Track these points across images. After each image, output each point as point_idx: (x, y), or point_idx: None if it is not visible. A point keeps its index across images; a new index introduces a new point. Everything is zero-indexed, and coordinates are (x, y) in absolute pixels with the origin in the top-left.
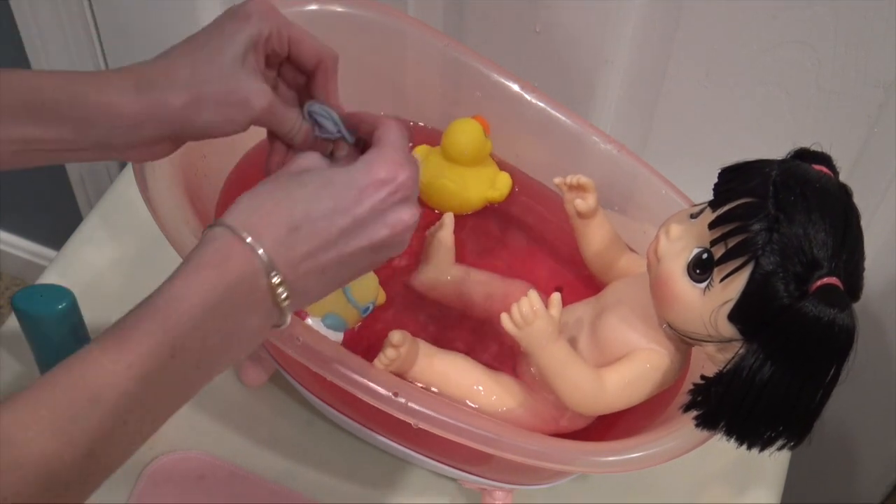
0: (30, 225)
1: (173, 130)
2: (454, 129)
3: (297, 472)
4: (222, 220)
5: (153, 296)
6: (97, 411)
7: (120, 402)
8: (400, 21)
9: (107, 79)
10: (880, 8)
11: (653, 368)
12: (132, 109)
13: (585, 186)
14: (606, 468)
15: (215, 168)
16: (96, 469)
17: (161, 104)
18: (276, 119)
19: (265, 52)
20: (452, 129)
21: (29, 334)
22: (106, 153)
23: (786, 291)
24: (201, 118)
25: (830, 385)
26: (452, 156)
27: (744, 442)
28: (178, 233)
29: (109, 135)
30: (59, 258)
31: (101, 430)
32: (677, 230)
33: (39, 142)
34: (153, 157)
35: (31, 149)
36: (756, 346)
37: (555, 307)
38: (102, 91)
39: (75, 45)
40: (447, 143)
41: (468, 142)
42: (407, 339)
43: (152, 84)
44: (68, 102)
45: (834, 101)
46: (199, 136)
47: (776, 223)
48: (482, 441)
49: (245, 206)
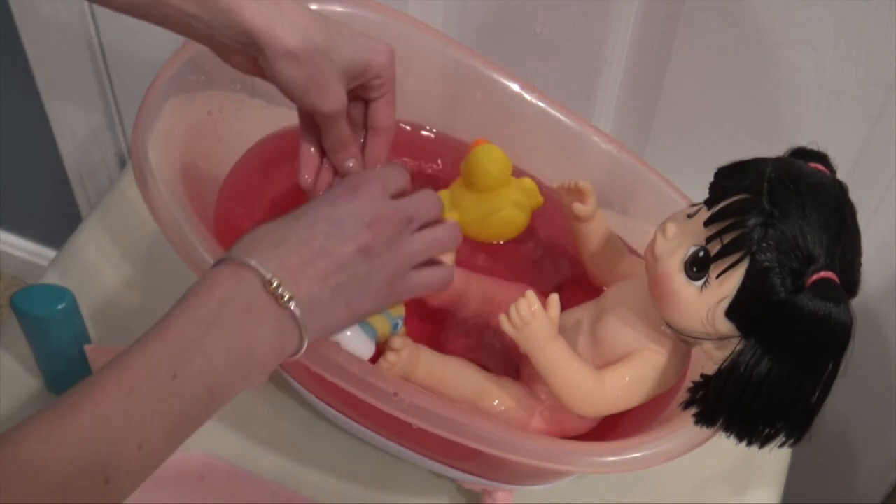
0: (30, 225)
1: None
2: (480, 161)
3: (297, 472)
4: (213, 262)
5: (151, 329)
6: (106, 436)
7: (127, 426)
8: (400, 21)
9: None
10: (880, 8)
11: (652, 369)
12: (244, 15)
13: (584, 190)
14: (606, 468)
15: (215, 168)
16: (113, 493)
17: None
18: (332, 127)
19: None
20: (478, 163)
21: (28, 334)
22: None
23: (782, 286)
24: (288, 73)
25: (829, 380)
26: (486, 186)
27: (743, 438)
28: (178, 233)
29: (211, 23)
30: (59, 258)
31: (114, 454)
32: (674, 229)
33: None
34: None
35: (160, 3)
36: (753, 342)
37: (553, 308)
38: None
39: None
40: (478, 177)
41: (500, 170)
42: (408, 343)
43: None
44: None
45: (834, 101)
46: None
47: (771, 218)
48: (482, 441)
49: (234, 246)
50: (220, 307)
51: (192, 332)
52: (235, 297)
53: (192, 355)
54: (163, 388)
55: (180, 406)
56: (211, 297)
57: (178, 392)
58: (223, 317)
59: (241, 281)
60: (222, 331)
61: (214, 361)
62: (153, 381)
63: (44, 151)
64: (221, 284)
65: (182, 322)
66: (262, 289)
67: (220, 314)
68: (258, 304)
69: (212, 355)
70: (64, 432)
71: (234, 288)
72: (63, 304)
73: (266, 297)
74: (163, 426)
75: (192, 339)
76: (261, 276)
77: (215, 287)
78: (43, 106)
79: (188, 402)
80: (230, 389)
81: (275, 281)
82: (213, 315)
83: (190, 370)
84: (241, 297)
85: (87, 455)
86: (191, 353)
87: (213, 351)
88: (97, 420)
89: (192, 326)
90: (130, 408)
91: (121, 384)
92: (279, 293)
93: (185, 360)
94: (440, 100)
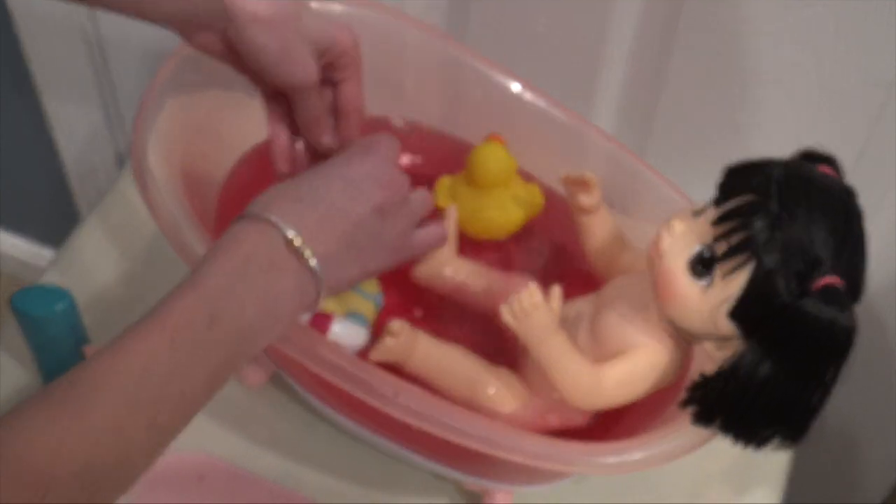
0: (29, 225)
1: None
2: (482, 158)
3: (297, 472)
4: (236, 218)
5: (184, 280)
6: (154, 380)
7: (172, 372)
8: (400, 21)
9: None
10: (880, 8)
11: (651, 364)
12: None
13: (589, 182)
14: (607, 469)
15: (215, 168)
16: (159, 437)
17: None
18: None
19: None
20: (480, 159)
21: (27, 335)
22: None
23: (786, 290)
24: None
25: (829, 385)
26: (485, 183)
27: (740, 439)
28: (178, 233)
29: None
30: (58, 258)
31: (161, 397)
32: (680, 227)
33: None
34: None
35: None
36: (755, 343)
37: (554, 300)
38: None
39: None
40: (477, 173)
41: (499, 168)
42: (406, 328)
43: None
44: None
45: (834, 101)
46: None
47: (778, 221)
48: (482, 442)
49: (253, 202)
50: (246, 261)
51: (224, 283)
52: (260, 252)
53: (226, 305)
54: (201, 337)
55: (217, 354)
56: (238, 252)
57: (215, 341)
58: (251, 271)
59: (265, 237)
60: (251, 284)
61: (246, 312)
62: (192, 330)
63: (43, 151)
64: (247, 240)
65: (214, 275)
66: (284, 246)
67: (248, 268)
68: (281, 260)
69: (243, 306)
70: (114, 373)
71: (259, 243)
72: (62, 305)
73: (288, 254)
74: (202, 374)
75: (225, 290)
76: (282, 233)
77: (241, 243)
78: (42, 105)
79: (223, 351)
80: (259, 340)
81: (297, 239)
82: (241, 269)
83: (225, 320)
84: (265, 253)
85: (135, 396)
86: (224, 304)
87: (244, 302)
88: (144, 365)
89: (223, 279)
90: (173, 356)
91: (164, 332)
92: (300, 250)
93: (219, 310)
94: (440, 100)
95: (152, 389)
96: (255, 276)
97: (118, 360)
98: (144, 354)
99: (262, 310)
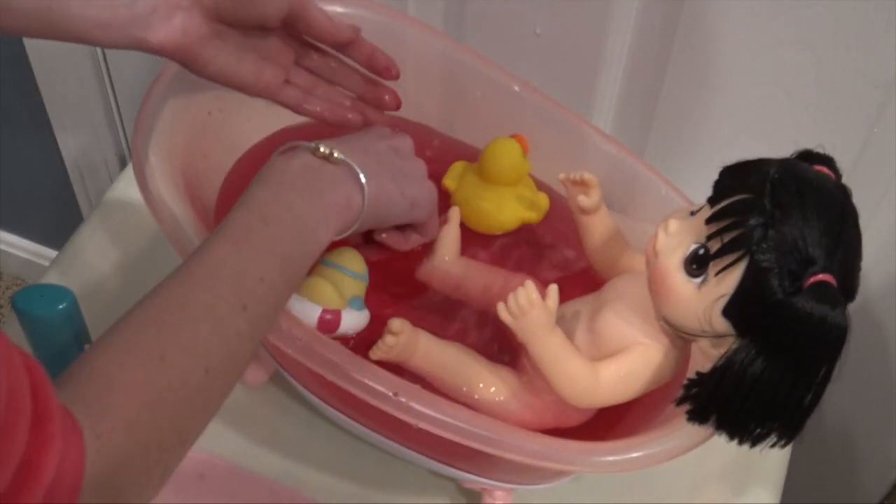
0: (30, 225)
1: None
2: (495, 150)
3: (297, 471)
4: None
5: (237, 202)
6: (229, 271)
7: (243, 267)
8: (400, 21)
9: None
10: (880, 8)
11: (648, 363)
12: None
13: (589, 182)
14: (606, 468)
15: (215, 168)
16: (253, 322)
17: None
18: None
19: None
20: (493, 151)
21: (29, 334)
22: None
23: (779, 287)
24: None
25: (822, 383)
26: (490, 176)
27: (734, 437)
28: (178, 233)
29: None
30: (59, 258)
31: (241, 285)
32: (676, 226)
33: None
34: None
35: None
36: (748, 341)
37: (551, 298)
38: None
39: None
40: (486, 164)
41: (509, 165)
42: (406, 327)
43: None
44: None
45: (834, 101)
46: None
47: (772, 219)
48: (482, 441)
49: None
50: (282, 174)
51: (266, 194)
52: (292, 163)
53: (274, 207)
54: (261, 234)
55: (281, 247)
56: (272, 172)
57: (274, 235)
58: (287, 178)
59: (292, 155)
60: (291, 187)
61: (294, 208)
62: (250, 231)
63: (44, 151)
64: (276, 163)
65: (254, 191)
66: (312, 155)
67: (284, 178)
68: (314, 164)
69: (290, 204)
70: (192, 275)
71: (288, 158)
72: (64, 304)
73: (318, 160)
74: (272, 262)
75: (269, 198)
76: (307, 147)
77: (272, 166)
78: (44, 106)
79: (285, 244)
80: (315, 232)
81: (321, 146)
82: (278, 179)
83: (278, 217)
84: (296, 163)
85: (218, 285)
86: (272, 207)
87: (290, 201)
88: (217, 262)
89: (264, 190)
90: (241, 255)
91: (226, 242)
92: (327, 153)
93: (270, 213)
94: (440, 100)
95: (231, 279)
96: (292, 181)
97: (192, 269)
98: (216, 260)
99: (307, 204)
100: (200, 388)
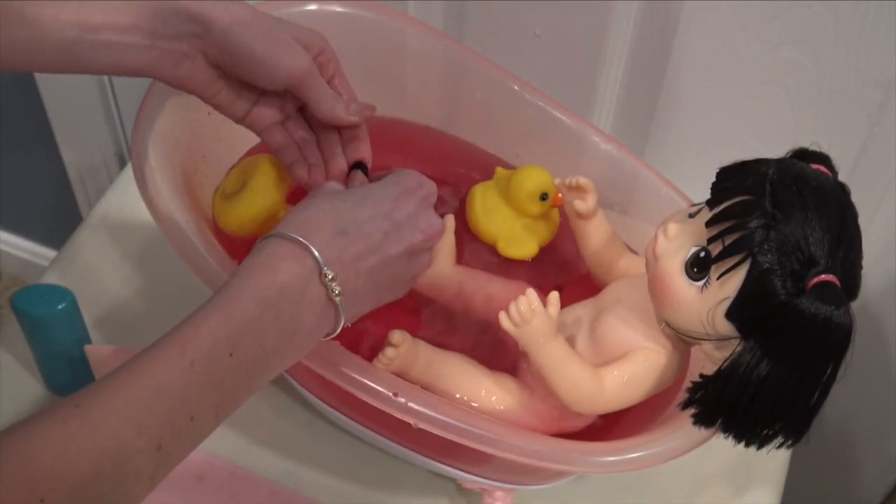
0: (30, 225)
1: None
2: (520, 182)
3: (297, 472)
4: (274, 232)
5: (213, 297)
6: (165, 405)
7: (185, 397)
8: (400, 21)
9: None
10: (880, 8)
11: (651, 367)
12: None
13: (584, 187)
14: (606, 468)
15: (215, 168)
16: (164, 461)
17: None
18: (315, 85)
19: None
20: (518, 182)
21: (28, 334)
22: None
23: (783, 288)
24: (244, 39)
25: (828, 383)
26: (510, 201)
27: (741, 439)
28: (178, 233)
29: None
30: (59, 258)
31: (169, 423)
32: (675, 229)
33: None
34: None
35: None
36: (753, 343)
37: (553, 305)
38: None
39: None
40: (517, 196)
41: (534, 200)
42: (406, 338)
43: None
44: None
45: (834, 100)
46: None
47: (773, 220)
48: (482, 441)
49: (294, 218)
50: (280, 292)
51: (253, 312)
52: (295, 282)
53: (250, 336)
54: (220, 365)
55: (231, 383)
56: (274, 280)
57: (232, 370)
58: (282, 302)
59: (302, 268)
60: (278, 316)
61: (266, 344)
62: (213, 357)
63: (44, 151)
64: (284, 266)
65: (246, 300)
66: (318, 278)
67: (280, 299)
68: (312, 293)
69: (265, 338)
70: (125, 396)
71: (296, 273)
72: (63, 304)
73: (319, 288)
74: (213, 401)
75: (252, 319)
76: (319, 266)
77: (279, 268)
78: (43, 105)
79: (238, 380)
80: (271, 372)
81: (330, 274)
82: (274, 299)
83: (245, 350)
84: (299, 284)
85: (143, 421)
86: (249, 334)
87: (267, 334)
88: (159, 388)
89: (254, 307)
90: (190, 380)
91: (184, 356)
92: (331, 287)
93: (242, 340)
94: (440, 100)
95: (161, 415)
96: (284, 308)
97: (131, 382)
98: (159, 378)
99: (280, 342)
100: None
